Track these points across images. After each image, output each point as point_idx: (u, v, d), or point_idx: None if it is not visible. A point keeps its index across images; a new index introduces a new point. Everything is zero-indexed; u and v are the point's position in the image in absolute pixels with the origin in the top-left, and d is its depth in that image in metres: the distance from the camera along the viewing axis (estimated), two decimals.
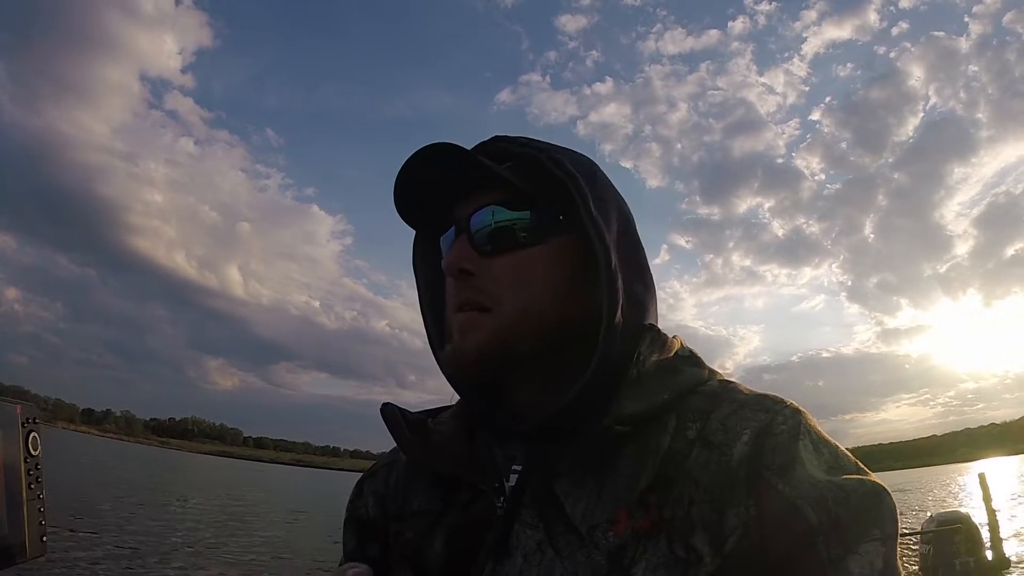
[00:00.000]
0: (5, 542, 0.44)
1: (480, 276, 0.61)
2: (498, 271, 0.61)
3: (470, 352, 0.61)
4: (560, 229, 0.62)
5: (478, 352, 0.60)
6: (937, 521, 6.19)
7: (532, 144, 0.63)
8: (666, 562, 0.52)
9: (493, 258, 0.62)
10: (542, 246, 0.62)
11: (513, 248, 0.62)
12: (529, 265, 0.61)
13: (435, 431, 0.68)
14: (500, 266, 0.61)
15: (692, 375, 0.62)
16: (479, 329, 0.60)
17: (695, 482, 0.54)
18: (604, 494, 0.56)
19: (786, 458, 0.53)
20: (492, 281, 0.61)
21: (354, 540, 0.74)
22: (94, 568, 9.97)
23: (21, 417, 0.48)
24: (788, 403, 0.58)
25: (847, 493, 0.50)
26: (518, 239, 0.62)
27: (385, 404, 0.68)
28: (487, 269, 0.61)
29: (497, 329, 0.60)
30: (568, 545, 0.55)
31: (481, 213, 0.62)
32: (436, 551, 0.63)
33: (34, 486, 0.47)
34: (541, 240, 0.62)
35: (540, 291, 0.61)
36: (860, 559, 0.48)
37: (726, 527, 0.52)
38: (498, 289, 0.61)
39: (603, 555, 0.53)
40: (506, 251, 0.62)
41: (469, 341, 0.61)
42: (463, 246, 0.62)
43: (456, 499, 0.64)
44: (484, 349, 0.60)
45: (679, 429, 0.57)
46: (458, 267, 0.61)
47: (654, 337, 0.62)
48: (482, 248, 0.62)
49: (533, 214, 0.62)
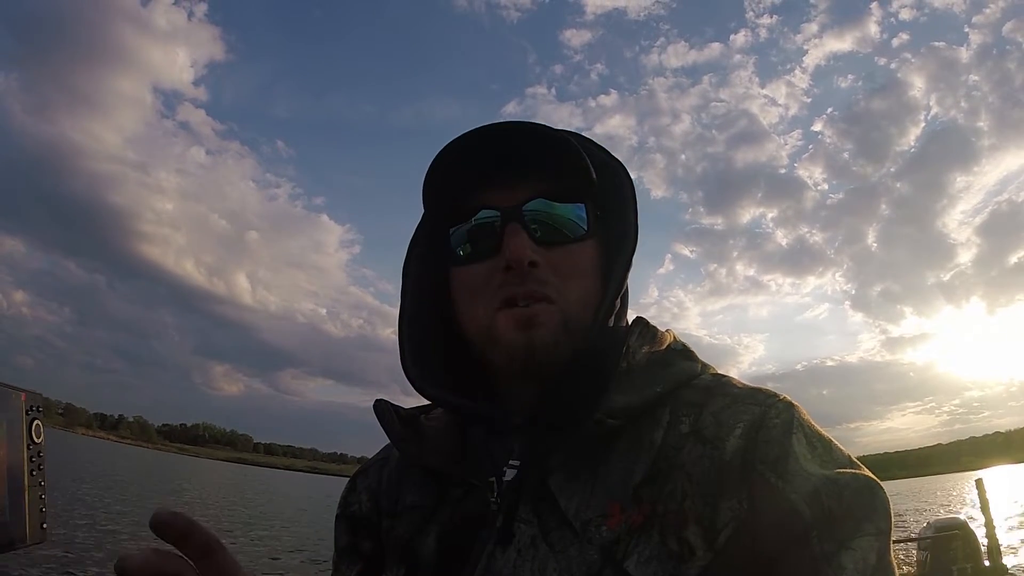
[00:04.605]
0: (5, 528, 0.44)
1: (542, 268, 0.60)
2: (559, 264, 0.61)
3: (541, 346, 0.59)
4: (600, 224, 0.64)
5: (550, 346, 0.59)
6: (935, 528, 6.13)
7: (570, 133, 0.63)
8: (659, 555, 0.52)
9: (552, 250, 0.61)
10: (592, 240, 0.63)
11: (570, 241, 0.62)
12: (584, 258, 0.62)
13: (428, 427, 0.68)
14: (560, 259, 0.61)
15: (685, 368, 0.62)
16: (550, 322, 0.59)
17: (688, 476, 0.54)
18: (597, 488, 0.56)
19: (779, 452, 0.53)
20: (554, 274, 0.60)
21: (347, 536, 0.74)
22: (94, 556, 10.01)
23: (25, 405, 0.47)
24: (781, 397, 0.58)
25: (840, 487, 0.50)
26: (576, 232, 0.62)
27: (378, 400, 0.67)
28: (548, 261, 0.60)
29: (564, 321, 0.59)
30: (562, 540, 0.55)
31: (536, 203, 0.62)
32: (429, 547, 0.63)
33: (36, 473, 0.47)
34: (592, 234, 0.63)
35: (594, 284, 0.62)
36: (854, 554, 0.48)
37: (719, 521, 0.52)
38: (561, 282, 0.60)
39: (596, 549, 0.53)
40: (561, 243, 0.62)
41: (539, 335, 0.59)
42: (522, 237, 0.60)
43: (449, 495, 0.64)
44: (555, 343, 0.59)
45: (672, 423, 0.57)
46: (529, 259, 0.59)
47: (643, 330, 0.62)
48: (540, 240, 0.61)
49: (587, 207, 0.63)
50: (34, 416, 0.48)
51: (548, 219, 0.62)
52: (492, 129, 0.61)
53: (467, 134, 0.62)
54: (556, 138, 0.62)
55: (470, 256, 0.64)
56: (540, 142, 0.61)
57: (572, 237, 0.62)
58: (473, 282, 0.63)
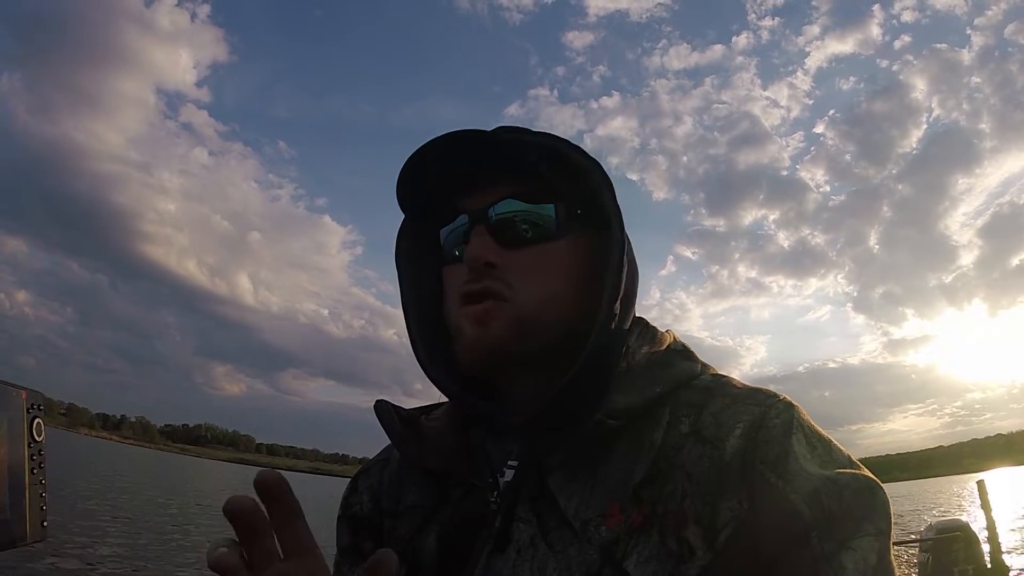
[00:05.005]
0: (6, 526, 0.44)
1: (501, 268, 0.61)
2: (520, 263, 0.61)
3: (491, 341, 0.60)
4: (578, 223, 0.63)
5: (499, 342, 0.60)
6: (936, 529, 6.09)
7: (547, 135, 0.63)
8: (658, 555, 0.52)
9: (515, 250, 0.61)
10: (563, 240, 0.62)
11: (535, 241, 0.62)
12: (551, 258, 0.62)
13: (428, 427, 0.68)
14: (522, 258, 0.61)
15: (684, 369, 0.62)
16: (499, 318, 0.60)
17: (688, 476, 0.54)
18: (597, 488, 0.56)
19: (779, 452, 0.53)
20: (513, 273, 0.61)
21: (348, 536, 0.74)
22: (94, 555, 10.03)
23: (26, 403, 0.48)
24: (781, 397, 0.58)
25: (840, 487, 0.50)
26: (541, 232, 0.62)
27: (379, 401, 0.68)
28: (509, 261, 0.61)
29: (516, 318, 0.60)
30: (561, 539, 0.55)
31: (501, 205, 0.62)
32: (430, 546, 0.63)
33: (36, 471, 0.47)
34: (564, 235, 0.62)
35: (561, 284, 0.61)
36: (854, 554, 0.48)
37: (719, 521, 0.52)
38: (519, 280, 0.61)
39: (596, 549, 0.53)
40: (528, 244, 0.62)
41: (490, 331, 0.60)
42: (485, 238, 0.61)
43: (450, 495, 0.64)
44: (505, 339, 0.60)
45: (672, 423, 0.57)
46: (484, 259, 0.60)
47: (643, 330, 0.63)
48: (503, 240, 0.62)
49: (557, 207, 0.62)
50: (35, 414, 0.49)
51: (513, 220, 0.62)
52: (465, 134, 0.61)
53: (440, 138, 0.62)
54: (529, 141, 0.62)
55: (454, 257, 0.65)
56: (513, 145, 0.62)
57: (539, 237, 0.62)
58: (449, 282, 0.65)
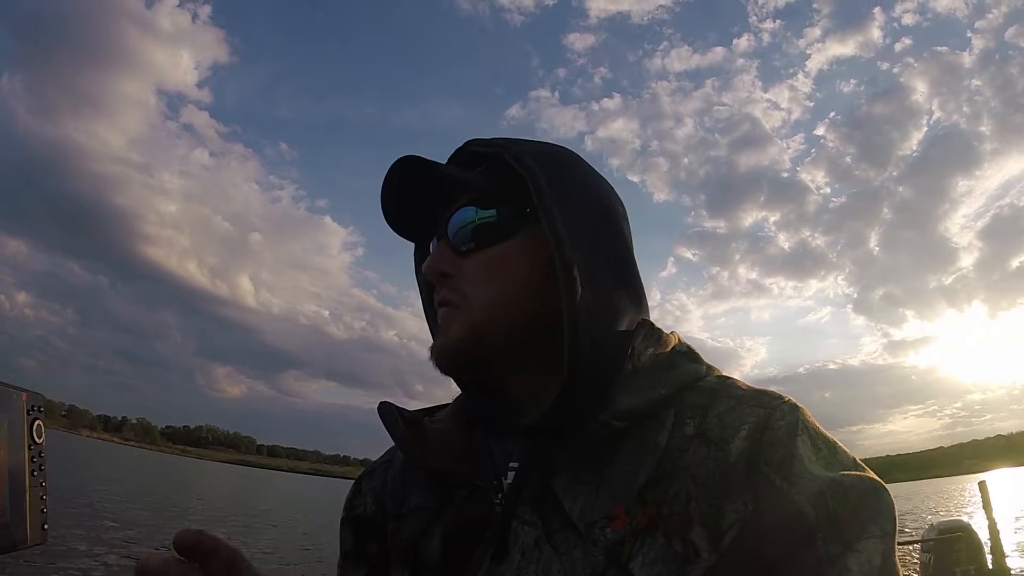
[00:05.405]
0: (6, 529, 0.44)
1: (456, 276, 0.63)
2: (470, 269, 0.63)
3: (447, 347, 0.63)
4: (528, 222, 0.63)
5: (453, 346, 0.63)
6: (938, 530, 6.07)
7: (498, 142, 0.65)
8: (663, 557, 0.52)
9: (468, 257, 0.64)
10: (511, 241, 0.63)
11: (485, 246, 0.63)
12: (498, 260, 0.63)
13: (432, 429, 0.68)
14: (472, 264, 0.63)
15: (689, 370, 0.62)
16: (453, 324, 0.63)
17: (693, 478, 0.54)
18: (602, 490, 0.56)
19: (784, 454, 0.52)
20: (466, 280, 0.63)
21: (352, 538, 0.74)
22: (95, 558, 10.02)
23: (26, 405, 0.47)
24: (786, 399, 0.57)
25: (845, 489, 0.50)
26: (488, 236, 0.63)
27: (382, 402, 0.68)
28: (461, 269, 0.63)
29: (466, 323, 0.62)
30: (566, 542, 0.55)
31: (456, 215, 0.65)
32: (434, 548, 0.63)
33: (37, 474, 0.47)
34: (510, 235, 0.63)
35: (509, 284, 0.62)
36: (859, 556, 0.47)
37: (724, 522, 0.51)
38: (470, 287, 0.63)
39: (601, 551, 0.53)
40: (479, 249, 0.63)
41: (447, 336, 0.63)
42: (442, 249, 0.65)
43: (454, 496, 0.64)
44: (458, 344, 0.62)
45: (677, 425, 0.57)
46: (436, 270, 0.64)
47: (648, 332, 0.62)
48: (459, 249, 0.64)
49: (499, 210, 0.64)
50: (35, 416, 0.48)
51: (465, 227, 0.64)
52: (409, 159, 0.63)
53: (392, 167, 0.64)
54: (481, 151, 0.65)
55: None
56: (468, 154, 0.66)
57: (485, 242, 0.63)
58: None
